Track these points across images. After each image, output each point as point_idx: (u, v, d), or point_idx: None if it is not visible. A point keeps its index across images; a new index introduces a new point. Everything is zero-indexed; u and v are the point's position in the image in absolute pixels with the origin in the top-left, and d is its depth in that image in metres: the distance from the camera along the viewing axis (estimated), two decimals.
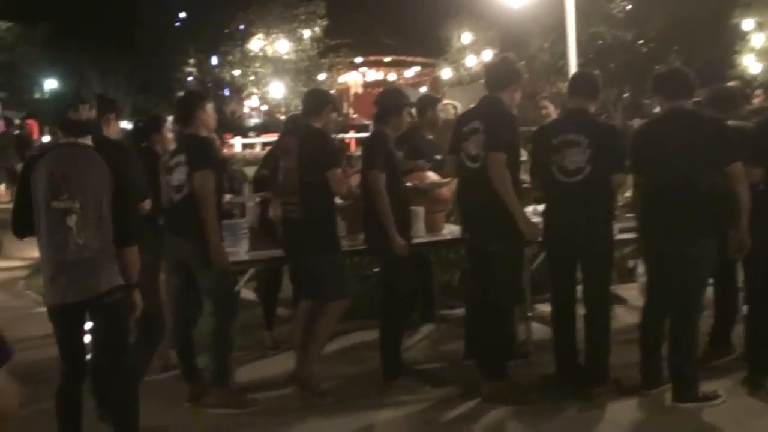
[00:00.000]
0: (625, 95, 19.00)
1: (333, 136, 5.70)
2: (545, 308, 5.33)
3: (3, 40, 21.90)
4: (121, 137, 5.69)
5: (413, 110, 6.10)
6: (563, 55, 7.96)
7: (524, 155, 5.04)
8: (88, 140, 3.93)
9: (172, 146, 5.13)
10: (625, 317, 6.02)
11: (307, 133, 4.93)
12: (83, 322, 4.01)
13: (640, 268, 6.58)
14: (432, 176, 5.69)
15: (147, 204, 4.71)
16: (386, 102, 5.18)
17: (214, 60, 31.55)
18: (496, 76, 4.87)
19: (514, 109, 4.90)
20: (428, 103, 6.24)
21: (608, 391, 4.67)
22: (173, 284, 4.90)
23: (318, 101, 5.08)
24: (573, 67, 8.52)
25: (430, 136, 6.14)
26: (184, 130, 4.86)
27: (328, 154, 4.88)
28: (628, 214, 5.17)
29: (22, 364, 4.56)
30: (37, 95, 25.10)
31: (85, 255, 3.77)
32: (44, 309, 4.79)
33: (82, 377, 4.01)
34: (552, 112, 6.23)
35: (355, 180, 5.28)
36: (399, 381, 5.08)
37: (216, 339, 4.74)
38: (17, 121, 19.32)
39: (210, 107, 4.88)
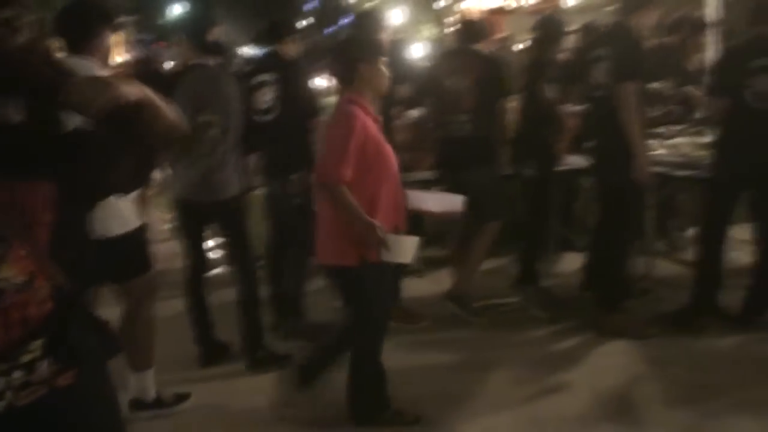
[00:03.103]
0: None
1: None
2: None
3: None
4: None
5: None
6: None
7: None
8: (218, 59, 4.30)
9: None
10: None
11: (485, 56, 5.05)
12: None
13: None
14: None
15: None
16: (548, 29, 5.28)
17: None
18: None
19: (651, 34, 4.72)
20: None
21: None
22: None
23: (477, 29, 5.17)
24: None
25: None
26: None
27: (506, 82, 5.02)
28: None
29: None
30: (167, 19, 25.88)
31: (219, 162, 4.15)
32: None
33: (204, 270, 4.51)
34: None
35: None
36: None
37: None
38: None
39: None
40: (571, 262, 5.84)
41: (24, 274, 1.53)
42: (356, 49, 3.45)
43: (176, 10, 31.61)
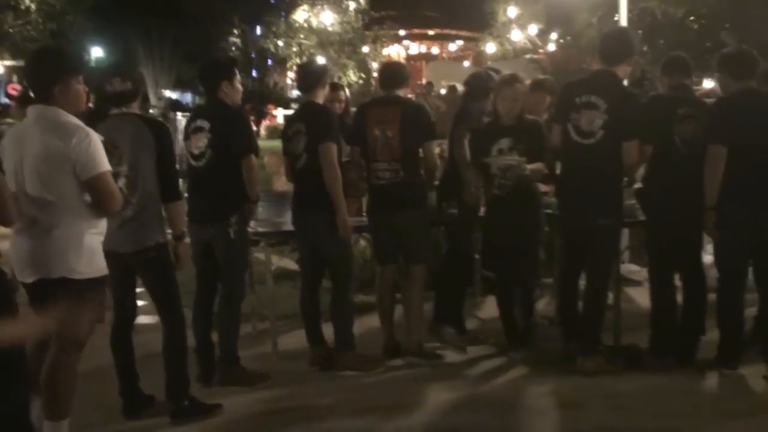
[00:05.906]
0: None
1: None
2: None
3: (52, 8, 22.17)
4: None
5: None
6: None
7: None
8: (133, 108, 4.24)
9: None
10: None
11: (408, 104, 5.27)
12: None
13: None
14: None
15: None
16: (475, 84, 5.49)
17: (258, 30, 31.62)
18: (614, 48, 4.80)
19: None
20: None
21: None
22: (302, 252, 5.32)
23: (398, 72, 5.35)
24: None
25: None
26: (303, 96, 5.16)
27: (429, 126, 5.18)
28: None
29: None
30: (87, 63, 25.55)
31: (135, 212, 4.10)
32: None
33: (131, 322, 4.42)
34: None
35: None
36: None
37: (339, 304, 5.01)
38: None
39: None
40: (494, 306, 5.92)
41: None
42: None
43: (96, 53, 31.28)
